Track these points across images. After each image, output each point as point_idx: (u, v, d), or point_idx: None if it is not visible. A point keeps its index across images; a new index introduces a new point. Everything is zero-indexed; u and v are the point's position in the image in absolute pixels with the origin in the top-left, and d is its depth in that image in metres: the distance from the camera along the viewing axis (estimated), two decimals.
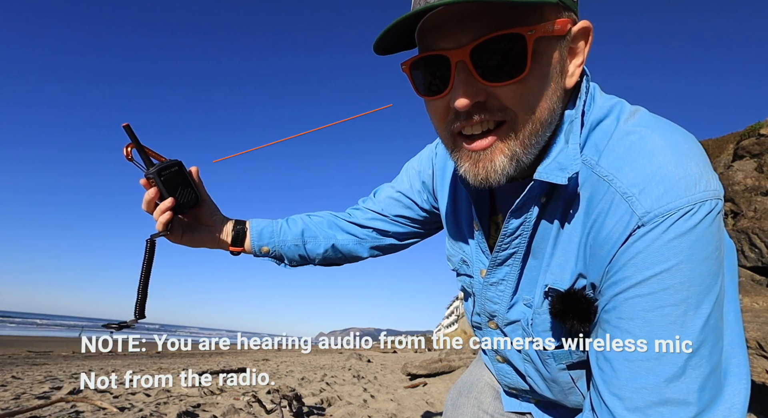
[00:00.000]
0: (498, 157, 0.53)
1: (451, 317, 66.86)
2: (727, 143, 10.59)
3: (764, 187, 6.71)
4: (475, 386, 0.88)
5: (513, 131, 0.52)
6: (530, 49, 0.48)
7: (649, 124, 0.54)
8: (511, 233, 0.61)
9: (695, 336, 0.48)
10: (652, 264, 0.48)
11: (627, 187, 0.50)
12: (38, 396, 3.89)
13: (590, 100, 0.58)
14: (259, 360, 11.35)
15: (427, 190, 0.86)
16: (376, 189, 0.96)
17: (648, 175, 0.49)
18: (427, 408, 3.74)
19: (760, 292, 4.22)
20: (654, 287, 0.48)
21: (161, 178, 0.75)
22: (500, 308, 0.68)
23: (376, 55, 0.56)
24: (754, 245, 5.70)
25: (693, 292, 0.47)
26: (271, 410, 3.27)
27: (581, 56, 0.55)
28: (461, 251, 0.76)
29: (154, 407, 3.40)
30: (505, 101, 0.50)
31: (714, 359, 0.49)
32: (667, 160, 0.50)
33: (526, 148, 0.53)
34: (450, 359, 6.04)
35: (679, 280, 0.47)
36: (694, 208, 0.47)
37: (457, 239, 0.77)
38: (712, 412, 0.48)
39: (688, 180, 0.48)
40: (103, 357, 11.11)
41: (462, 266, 0.76)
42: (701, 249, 0.47)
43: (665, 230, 0.47)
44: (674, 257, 0.47)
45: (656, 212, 0.48)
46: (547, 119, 0.53)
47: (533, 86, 0.50)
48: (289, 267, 0.93)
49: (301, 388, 4.93)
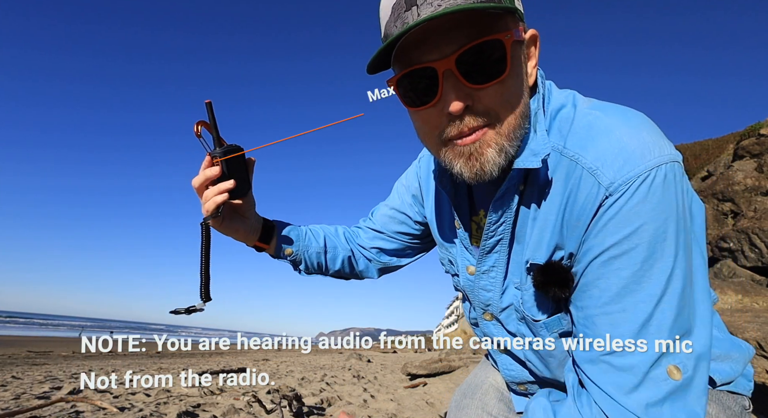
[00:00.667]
0: (488, 150, 0.57)
1: (451, 317, 66.90)
2: (727, 143, 10.58)
3: (764, 187, 6.71)
4: (480, 387, 0.89)
5: (499, 128, 0.57)
6: (509, 52, 0.54)
7: (603, 107, 0.62)
8: (496, 220, 0.66)
9: (661, 285, 0.53)
10: (621, 228, 0.54)
11: (591, 163, 0.56)
12: (38, 396, 3.89)
13: (548, 94, 0.66)
14: (259, 360, 11.36)
15: (417, 203, 0.92)
16: (372, 209, 1.03)
17: (608, 150, 0.56)
18: (427, 408, 3.74)
19: (760, 292, 4.22)
20: (624, 247, 0.54)
21: (227, 161, 0.77)
22: (493, 296, 0.72)
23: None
24: (754, 245, 5.70)
25: (657, 248, 0.53)
26: (271, 410, 3.27)
27: (534, 59, 0.63)
28: (447, 253, 0.82)
29: (154, 407, 3.40)
30: (488, 103, 0.56)
31: (680, 304, 0.54)
32: (622, 133, 0.56)
33: (511, 141, 0.58)
34: (450, 359, 6.05)
35: (644, 239, 0.53)
36: (651, 173, 0.53)
37: (442, 241, 0.83)
38: (677, 348, 0.54)
39: (643, 148, 0.54)
40: (103, 357, 11.11)
41: (450, 267, 0.82)
42: (663, 209, 0.53)
43: (630, 197, 0.53)
44: (639, 219, 0.53)
45: (620, 182, 0.54)
46: (524, 113, 0.59)
47: (511, 85, 0.56)
48: (302, 273, 0.97)
49: (301, 388, 4.94)
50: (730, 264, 5.88)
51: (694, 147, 12.29)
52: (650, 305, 0.54)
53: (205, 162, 0.78)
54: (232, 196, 0.80)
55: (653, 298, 0.53)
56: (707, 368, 0.55)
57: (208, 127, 0.77)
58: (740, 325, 2.76)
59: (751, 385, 0.70)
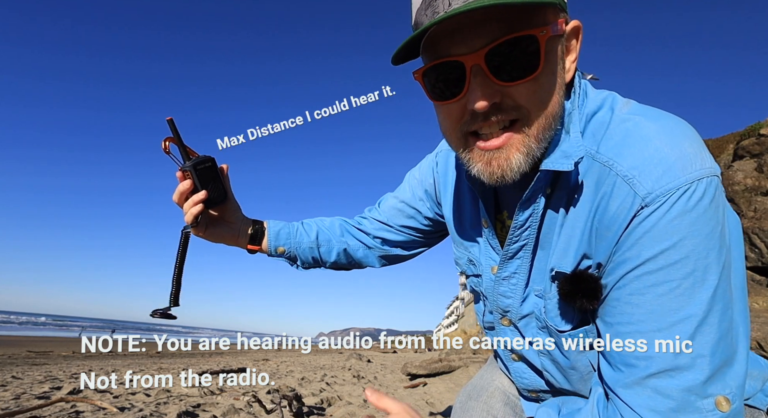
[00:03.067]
0: (514, 155, 0.54)
1: (451, 317, 66.83)
2: (727, 143, 10.59)
3: (764, 187, 6.71)
4: (486, 390, 0.86)
5: (527, 127, 0.54)
6: (543, 48, 0.50)
7: (642, 112, 0.57)
8: (521, 224, 0.62)
9: (703, 306, 0.49)
10: (658, 242, 0.50)
11: (627, 171, 0.53)
12: (38, 396, 3.88)
13: (583, 94, 0.61)
14: (259, 360, 11.35)
15: (430, 199, 0.89)
16: (380, 199, 1.00)
17: (646, 158, 0.52)
18: (428, 408, 3.74)
19: (760, 292, 4.22)
20: (661, 263, 0.50)
21: (196, 172, 0.79)
22: (513, 302, 0.69)
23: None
24: (754, 245, 5.70)
25: (699, 265, 0.49)
26: (271, 410, 3.27)
27: (574, 53, 0.58)
28: (467, 252, 0.78)
29: (154, 407, 3.40)
30: (519, 100, 0.52)
31: (723, 327, 0.50)
32: (662, 143, 0.52)
33: (540, 142, 0.55)
34: (450, 359, 6.04)
35: (684, 254, 0.49)
36: (692, 186, 0.50)
37: (462, 241, 0.79)
38: (724, 375, 0.50)
39: (684, 160, 0.51)
40: (103, 357, 11.10)
41: (469, 267, 0.78)
42: (703, 224, 0.50)
43: (668, 209, 0.50)
44: (678, 234, 0.49)
45: (658, 192, 0.50)
46: (557, 113, 0.56)
47: (544, 83, 0.53)
48: (301, 269, 0.97)
49: (301, 388, 4.93)
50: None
51: None
52: (691, 327, 0.49)
53: (179, 177, 0.80)
54: (209, 205, 0.82)
55: (695, 318, 0.49)
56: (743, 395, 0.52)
57: (176, 142, 0.79)
58: None
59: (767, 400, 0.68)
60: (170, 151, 0.79)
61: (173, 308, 0.80)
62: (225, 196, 0.85)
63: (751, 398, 0.67)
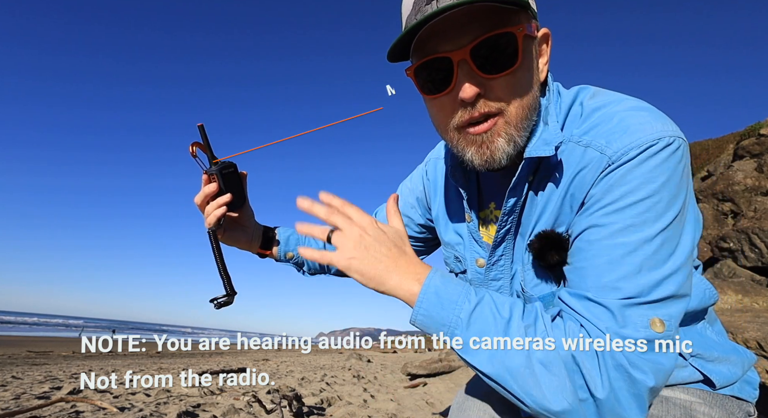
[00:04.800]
0: (498, 139, 0.61)
1: None
2: (727, 143, 10.59)
3: (764, 187, 6.71)
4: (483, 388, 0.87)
5: (508, 117, 0.60)
6: (521, 44, 0.57)
7: (609, 98, 0.65)
8: (510, 210, 0.68)
9: (656, 238, 0.54)
10: (619, 187, 0.56)
11: (598, 142, 0.60)
12: (38, 396, 3.88)
13: (556, 92, 0.69)
14: (259, 360, 11.35)
15: (421, 205, 0.94)
16: (376, 210, 1.05)
17: (613, 130, 0.59)
18: (427, 408, 3.75)
19: (760, 292, 4.22)
20: (620, 204, 0.56)
21: (222, 176, 0.83)
22: (504, 283, 0.74)
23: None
24: (754, 245, 5.70)
25: (655, 206, 0.55)
26: (271, 410, 3.27)
27: (546, 56, 0.66)
28: (454, 250, 0.83)
29: (154, 407, 3.40)
30: (500, 92, 0.59)
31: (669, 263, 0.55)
32: (626, 115, 0.59)
33: (519, 131, 0.62)
34: (450, 359, 6.04)
35: (641, 196, 0.55)
36: (652, 143, 0.56)
37: (449, 239, 0.84)
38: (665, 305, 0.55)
39: (645, 125, 0.57)
40: (103, 357, 11.10)
41: (456, 265, 0.82)
42: (661, 174, 0.55)
43: (630, 161, 0.56)
44: (636, 179, 0.55)
45: (622, 151, 0.57)
46: (533, 105, 0.62)
47: (522, 77, 0.60)
48: (307, 275, 1.02)
49: (301, 388, 4.94)
50: (730, 264, 5.88)
51: (694, 147, 12.29)
52: (638, 258, 0.54)
53: (204, 180, 0.85)
54: (230, 208, 0.86)
55: (641, 251, 0.54)
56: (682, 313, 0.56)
57: (203, 147, 0.83)
58: (740, 325, 2.76)
59: (756, 393, 0.71)
60: (197, 155, 0.83)
61: (232, 295, 0.85)
62: (244, 200, 0.89)
63: (735, 385, 0.70)
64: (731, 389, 0.70)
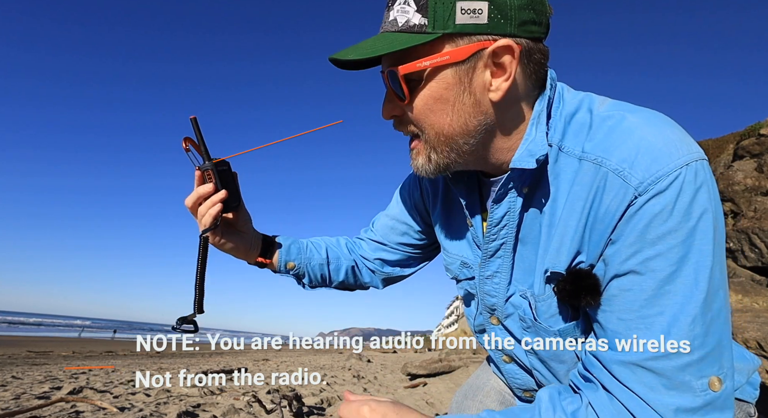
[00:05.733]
0: (418, 158, 0.63)
1: (451, 317, 66.82)
2: (727, 143, 10.60)
3: (764, 187, 6.71)
4: (481, 389, 0.88)
5: (424, 140, 0.62)
6: (402, 81, 0.57)
7: (620, 107, 0.59)
8: (497, 222, 0.65)
9: (702, 290, 0.50)
10: (654, 228, 0.51)
11: (617, 164, 0.54)
12: (38, 396, 3.88)
13: (558, 97, 0.63)
14: (259, 360, 11.35)
15: (419, 210, 0.90)
16: (373, 219, 1.00)
17: (633, 150, 0.53)
18: (427, 408, 3.75)
19: (759, 292, 4.22)
20: (659, 248, 0.51)
21: (217, 172, 0.77)
22: (498, 301, 0.70)
23: None
24: (754, 245, 5.70)
25: (695, 247, 0.50)
26: (271, 410, 3.27)
27: (508, 71, 0.57)
28: (460, 255, 0.78)
29: (154, 407, 3.40)
30: (411, 116, 0.61)
31: (715, 311, 0.51)
32: (646, 132, 0.54)
33: (440, 153, 0.62)
34: (450, 359, 6.05)
35: (681, 238, 0.50)
36: (682, 171, 0.51)
37: (453, 244, 0.79)
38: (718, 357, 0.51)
39: (670, 146, 0.52)
40: (103, 357, 11.10)
41: (462, 271, 0.78)
42: (698, 206, 0.51)
43: (662, 196, 0.51)
44: (673, 219, 0.51)
45: (649, 181, 0.51)
46: (456, 131, 0.60)
47: (425, 107, 0.59)
48: (307, 287, 0.96)
49: (301, 388, 4.94)
50: (730, 264, 5.88)
51: None
52: (690, 311, 0.50)
53: (197, 178, 0.78)
54: (226, 208, 0.79)
55: (691, 298, 0.50)
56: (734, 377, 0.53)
57: (195, 144, 0.77)
58: (740, 325, 2.76)
59: (756, 393, 0.69)
60: (190, 149, 0.77)
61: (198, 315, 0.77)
62: (239, 201, 0.83)
63: (738, 390, 0.68)
64: None
